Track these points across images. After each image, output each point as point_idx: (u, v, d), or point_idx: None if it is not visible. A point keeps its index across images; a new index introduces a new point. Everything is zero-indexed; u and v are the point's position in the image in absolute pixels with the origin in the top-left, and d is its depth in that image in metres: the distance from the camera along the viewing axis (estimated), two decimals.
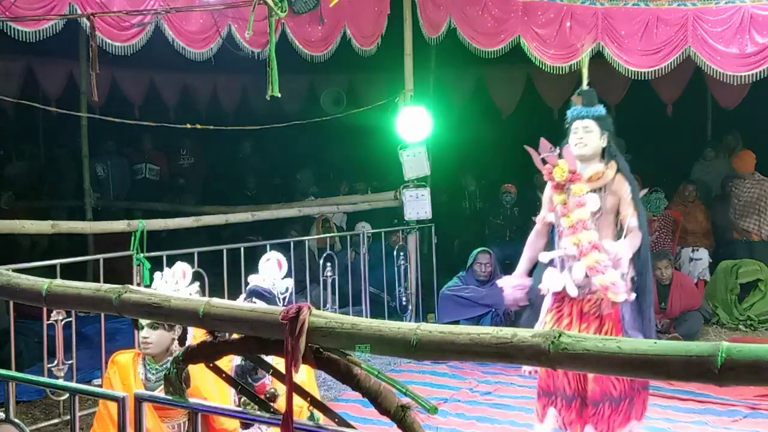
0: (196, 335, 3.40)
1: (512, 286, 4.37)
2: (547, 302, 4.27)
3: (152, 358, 3.42)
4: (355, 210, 8.07)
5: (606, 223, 4.14)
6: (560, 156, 4.17)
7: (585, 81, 4.49)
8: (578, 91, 4.34)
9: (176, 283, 3.53)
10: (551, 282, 4.21)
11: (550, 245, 4.41)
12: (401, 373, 5.70)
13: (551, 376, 4.18)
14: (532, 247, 4.47)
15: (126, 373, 3.40)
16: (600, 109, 4.24)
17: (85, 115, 8.48)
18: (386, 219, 8.24)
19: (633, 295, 4.09)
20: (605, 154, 4.19)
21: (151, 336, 3.34)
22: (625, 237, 4.05)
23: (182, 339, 3.45)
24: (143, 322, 3.30)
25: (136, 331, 3.50)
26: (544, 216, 4.43)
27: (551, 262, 4.29)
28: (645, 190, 4.38)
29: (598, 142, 4.16)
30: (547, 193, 4.38)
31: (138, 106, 11.10)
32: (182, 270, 3.61)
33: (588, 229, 4.08)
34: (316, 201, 8.80)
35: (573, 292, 4.10)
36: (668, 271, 7.07)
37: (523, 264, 4.46)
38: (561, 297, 4.19)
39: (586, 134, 4.15)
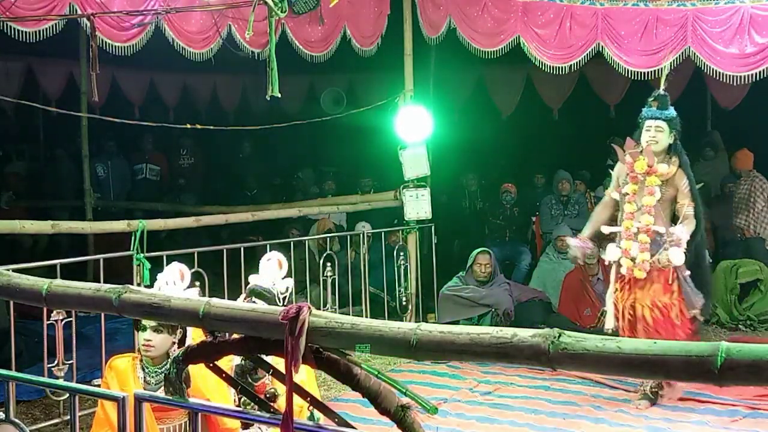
0: (194, 336, 3.39)
1: (577, 245, 5.27)
2: (613, 273, 5.19)
3: (151, 361, 3.40)
4: (355, 210, 8.07)
5: (662, 210, 4.97)
6: (641, 152, 4.95)
7: (662, 86, 5.18)
8: (654, 95, 5.09)
9: (174, 284, 3.49)
10: (612, 255, 5.11)
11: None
12: (401, 373, 5.70)
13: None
14: (596, 217, 5.40)
15: (125, 377, 3.38)
16: (671, 112, 5.04)
17: (85, 115, 8.48)
18: (386, 219, 8.24)
19: (687, 272, 4.97)
20: (671, 149, 5.01)
21: (154, 339, 3.32)
22: (681, 222, 4.89)
23: (182, 341, 3.44)
24: (146, 323, 3.28)
25: (136, 333, 3.47)
26: (611, 191, 5.30)
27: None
28: (701, 184, 5.37)
29: (667, 140, 4.99)
30: (616, 173, 5.24)
31: (138, 106, 11.09)
32: (179, 271, 3.56)
33: (650, 214, 4.92)
34: (316, 201, 8.80)
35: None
36: None
37: (588, 229, 5.36)
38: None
39: (658, 133, 4.96)
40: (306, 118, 7.63)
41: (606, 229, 5.22)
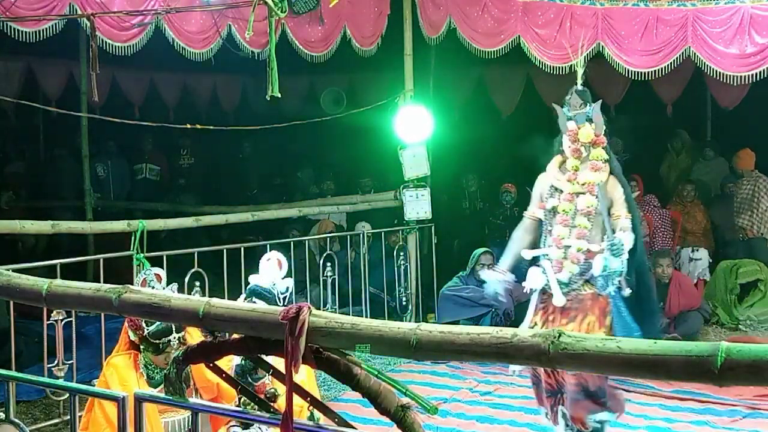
0: (194, 336, 3.40)
1: (496, 278, 4.38)
2: (534, 300, 4.32)
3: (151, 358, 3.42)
4: (355, 210, 8.07)
5: (597, 224, 4.21)
6: (590, 120, 4.25)
7: (579, 81, 4.51)
8: (572, 91, 4.41)
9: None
10: (534, 281, 4.25)
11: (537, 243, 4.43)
12: (401, 373, 5.70)
13: (551, 376, 4.25)
14: (517, 243, 4.48)
15: (126, 374, 3.39)
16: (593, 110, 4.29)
17: (85, 115, 8.49)
18: (386, 219, 8.24)
19: (628, 290, 4.12)
20: None
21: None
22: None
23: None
24: (174, 346, 3.31)
25: (149, 353, 3.45)
26: (533, 212, 4.52)
27: (534, 261, 4.33)
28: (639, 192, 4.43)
29: None
30: (538, 189, 4.53)
31: (138, 106, 11.09)
32: (155, 274, 3.57)
33: (593, 194, 4.17)
34: (316, 201, 8.80)
35: (558, 298, 4.16)
36: (669, 269, 7.11)
37: (507, 259, 4.44)
38: (548, 295, 4.25)
39: None
40: (306, 118, 7.63)
41: (527, 254, 4.37)
